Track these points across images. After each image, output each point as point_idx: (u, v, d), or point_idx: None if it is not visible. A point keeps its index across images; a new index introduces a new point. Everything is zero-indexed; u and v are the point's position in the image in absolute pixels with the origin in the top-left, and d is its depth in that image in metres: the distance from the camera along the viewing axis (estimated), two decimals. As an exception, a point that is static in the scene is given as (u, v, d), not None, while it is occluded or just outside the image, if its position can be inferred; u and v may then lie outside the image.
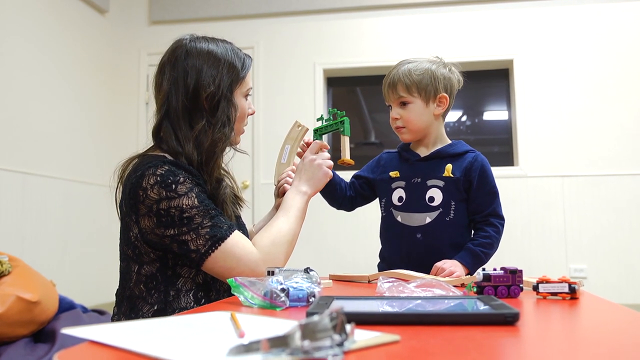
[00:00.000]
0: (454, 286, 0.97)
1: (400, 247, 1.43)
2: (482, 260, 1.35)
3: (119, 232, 1.20)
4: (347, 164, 1.40)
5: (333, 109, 1.45)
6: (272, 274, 0.93)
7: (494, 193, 1.42)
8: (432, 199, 1.40)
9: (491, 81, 4.45)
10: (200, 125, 1.18)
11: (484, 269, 0.98)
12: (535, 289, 0.95)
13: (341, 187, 1.51)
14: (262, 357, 0.45)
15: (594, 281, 3.84)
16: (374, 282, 1.25)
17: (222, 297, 1.18)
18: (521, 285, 0.96)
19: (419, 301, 0.81)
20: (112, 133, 4.46)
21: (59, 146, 3.84)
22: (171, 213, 1.09)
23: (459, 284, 1.15)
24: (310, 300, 0.85)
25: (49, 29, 3.83)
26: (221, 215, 1.15)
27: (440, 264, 1.29)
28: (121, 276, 1.19)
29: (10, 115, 3.40)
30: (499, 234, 1.40)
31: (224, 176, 1.29)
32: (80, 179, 4.02)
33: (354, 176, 1.56)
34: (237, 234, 1.14)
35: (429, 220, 1.39)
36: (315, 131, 1.46)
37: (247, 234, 1.31)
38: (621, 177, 3.99)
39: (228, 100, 1.22)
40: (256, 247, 1.15)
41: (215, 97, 1.20)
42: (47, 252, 3.60)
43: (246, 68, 1.26)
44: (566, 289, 0.93)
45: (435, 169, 1.42)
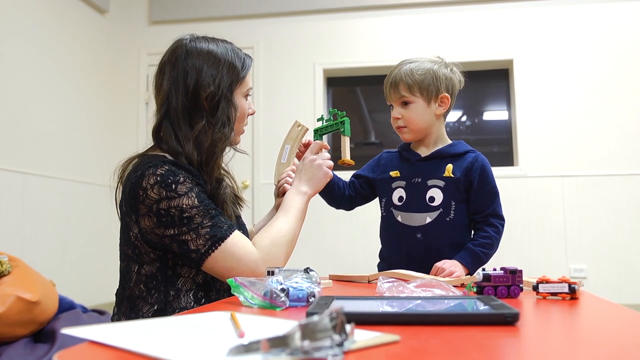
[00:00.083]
0: (454, 286, 0.97)
1: (400, 247, 1.43)
2: (482, 261, 1.35)
3: (119, 232, 1.20)
4: (348, 164, 1.39)
5: (333, 109, 1.44)
6: (272, 274, 0.93)
7: (494, 193, 1.42)
8: (432, 199, 1.40)
9: (491, 81, 4.45)
10: (200, 125, 1.18)
11: (483, 269, 0.98)
12: (535, 289, 0.95)
13: (339, 186, 1.51)
14: (262, 357, 0.45)
15: (593, 281, 3.84)
16: (374, 282, 1.25)
17: (222, 297, 1.18)
18: (521, 286, 0.96)
19: (418, 301, 0.81)
20: (112, 133, 4.46)
21: (59, 146, 3.84)
22: (171, 213, 1.09)
23: (459, 284, 1.15)
24: (310, 300, 0.85)
25: (49, 29, 3.83)
26: (221, 215, 1.15)
27: (440, 264, 1.29)
28: (121, 276, 1.19)
29: (10, 115, 3.40)
30: (499, 234, 1.40)
31: (224, 176, 1.29)
32: (80, 179, 4.01)
33: (354, 175, 1.56)
34: (237, 234, 1.14)
35: (429, 220, 1.39)
36: (315, 131, 1.46)
37: (247, 234, 1.31)
38: (621, 177, 3.99)
39: (228, 100, 1.22)
40: (256, 247, 1.15)
41: (215, 97, 1.20)
42: (47, 252, 3.60)
43: (246, 68, 1.26)
44: (566, 289, 0.93)
45: (436, 169, 1.42)
